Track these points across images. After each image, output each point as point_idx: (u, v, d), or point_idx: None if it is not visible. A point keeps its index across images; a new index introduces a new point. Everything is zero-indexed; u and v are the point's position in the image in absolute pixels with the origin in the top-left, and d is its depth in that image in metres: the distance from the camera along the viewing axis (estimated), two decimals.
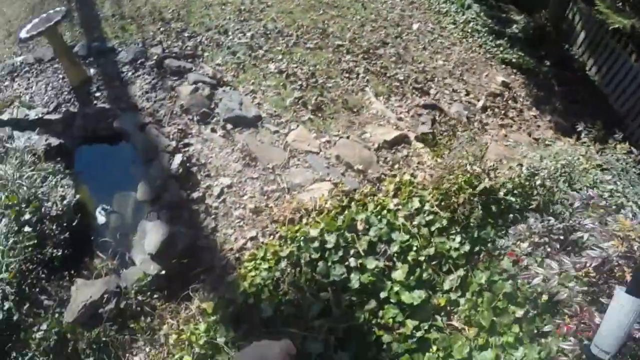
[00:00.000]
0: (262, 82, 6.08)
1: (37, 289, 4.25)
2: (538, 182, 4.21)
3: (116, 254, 4.57)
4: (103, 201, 5.05)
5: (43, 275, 4.31)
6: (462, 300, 3.88)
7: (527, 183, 4.29)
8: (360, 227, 4.31)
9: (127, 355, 4.07)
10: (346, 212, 4.46)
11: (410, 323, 3.77)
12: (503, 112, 7.30)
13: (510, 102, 7.67)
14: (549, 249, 3.48)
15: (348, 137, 5.54)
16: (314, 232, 4.21)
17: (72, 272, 4.42)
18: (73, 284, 4.31)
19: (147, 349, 4.07)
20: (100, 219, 4.85)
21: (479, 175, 4.33)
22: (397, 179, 4.93)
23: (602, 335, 2.18)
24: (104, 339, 4.01)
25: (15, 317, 4.03)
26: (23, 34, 5.34)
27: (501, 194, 4.26)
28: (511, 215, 4.20)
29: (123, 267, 4.51)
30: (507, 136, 6.77)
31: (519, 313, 3.63)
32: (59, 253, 4.40)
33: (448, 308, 3.91)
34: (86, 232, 4.80)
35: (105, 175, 5.33)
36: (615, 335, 2.11)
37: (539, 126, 7.54)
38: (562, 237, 3.51)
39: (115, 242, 4.64)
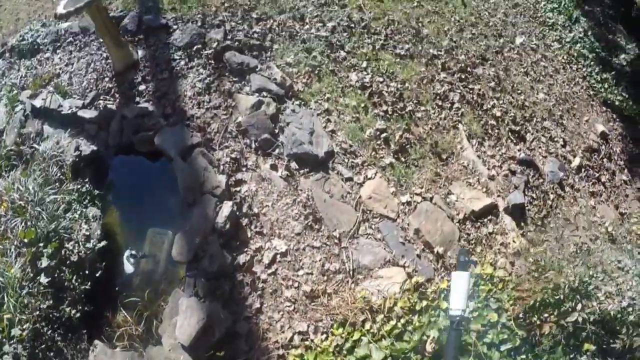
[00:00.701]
0: (339, 98, 5.00)
1: (52, 353, 3.66)
2: (631, 318, 3.53)
3: (142, 317, 3.89)
4: (135, 234, 4.32)
5: (59, 338, 3.70)
6: None
7: (618, 316, 3.58)
8: (429, 347, 3.65)
9: None
10: (416, 321, 3.79)
11: None
12: (597, 174, 6.41)
13: (605, 160, 6.70)
14: None
15: (432, 199, 4.59)
16: (377, 356, 3.53)
17: (92, 331, 3.83)
18: (91, 349, 3.72)
19: None
20: (128, 267, 4.11)
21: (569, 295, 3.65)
22: (478, 270, 4.19)
23: (453, 300, 2.98)
24: None
25: None
26: (60, 9, 4.28)
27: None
28: (583, 334, 3.56)
29: (149, 337, 3.84)
30: (595, 208, 5.94)
31: None
32: (78, 314, 3.76)
33: None
34: (111, 280, 4.10)
35: (140, 199, 4.51)
36: (461, 297, 2.96)
37: (627, 196, 6.63)
38: None
39: (142, 302, 3.94)
